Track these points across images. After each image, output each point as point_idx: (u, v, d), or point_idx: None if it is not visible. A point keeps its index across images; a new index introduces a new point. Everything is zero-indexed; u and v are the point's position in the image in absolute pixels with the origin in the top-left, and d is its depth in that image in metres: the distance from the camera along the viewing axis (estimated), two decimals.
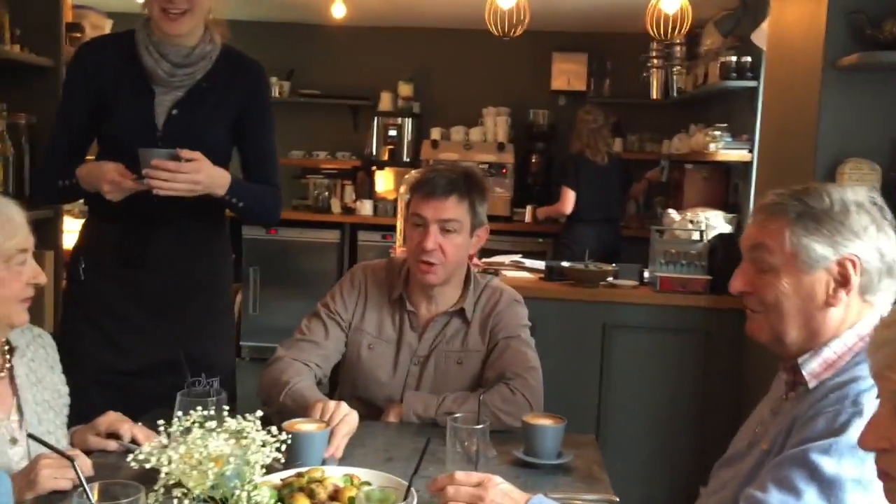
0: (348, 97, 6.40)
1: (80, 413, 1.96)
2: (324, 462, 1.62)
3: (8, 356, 1.62)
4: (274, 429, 1.21)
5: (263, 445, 1.07)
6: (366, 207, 5.99)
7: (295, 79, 6.46)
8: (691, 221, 4.44)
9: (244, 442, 1.04)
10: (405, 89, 6.33)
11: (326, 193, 6.19)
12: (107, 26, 3.60)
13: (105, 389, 2.01)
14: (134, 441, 1.63)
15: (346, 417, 1.70)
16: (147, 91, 2.07)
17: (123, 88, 2.07)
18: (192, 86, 2.08)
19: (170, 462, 1.08)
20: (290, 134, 6.53)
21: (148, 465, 1.16)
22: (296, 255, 5.90)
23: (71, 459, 1.17)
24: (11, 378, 1.60)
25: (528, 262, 3.43)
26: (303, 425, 1.65)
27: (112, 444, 1.63)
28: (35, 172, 2.66)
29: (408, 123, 6.24)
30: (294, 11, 6.03)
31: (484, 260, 3.52)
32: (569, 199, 4.83)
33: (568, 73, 6.35)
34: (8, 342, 1.63)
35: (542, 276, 3.23)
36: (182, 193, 1.93)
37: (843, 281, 1.36)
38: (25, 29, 2.81)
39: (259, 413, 1.22)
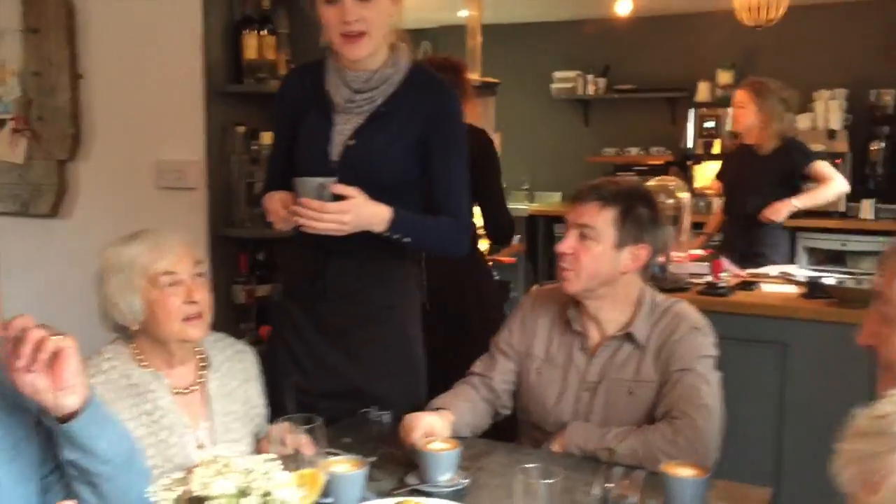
0: (664, 89, 6.21)
1: None
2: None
3: (202, 371, 1.88)
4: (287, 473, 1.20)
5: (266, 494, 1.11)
6: None
7: (611, 74, 6.42)
8: None
9: (252, 482, 1.11)
10: (724, 77, 5.98)
11: None
12: None
13: (298, 408, 2.05)
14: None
15: None
16: (326, 120, 2.04)
17: (309, 117, 2.07)
18: (372, 112, 2.03)
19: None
20: (605, 131, 6.54)
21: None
22: None
23: None
24: (204, 390, 1.86)
25: (800, 275, 3.08)
26: (434, 444, 1.72)
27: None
28: None
29: (727, 114, 5.88)
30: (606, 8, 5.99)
31: (749, 271, 3.23)
32: None
33: None
34: (206, 358, 1.89)
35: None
36: (329, 232, 1.90)
37: None
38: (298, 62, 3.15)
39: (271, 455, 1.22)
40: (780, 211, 3.74)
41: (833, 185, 3.79)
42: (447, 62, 3.52)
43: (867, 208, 5.32)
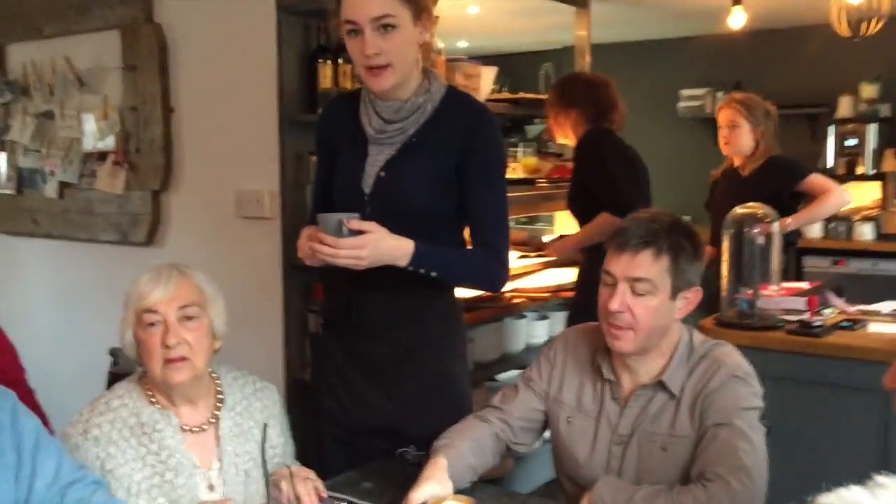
0: (802, 105, 5.77)
1: (318, 462, 2.13)
2: None
3: (216, 410, 1.84)
4: None
5: None
6: (813, 229, 5.34)
7: (744, 91, 6.05)
8: None
9: None
10: (868, 91, 5.50)
11: None
12: (485, 75, 3.77)
13: (336, 443, 2.08)
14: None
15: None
16: (361, 152, 1.99)
17: (345, 149, 2.03)
18: (404, 142, 1.96)
19: None
20: None
21: None
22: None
23: None
24: (217, 429, 1.82)
25: None
26: (448, 502, 1.61)
27: (282, 499, 1.74)
28: None
29: (871, 130, 5.41)
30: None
31: (858, 308, 2.89)
32: None
33: None
34: (222, 395, 1.86)
35: None
36: (348, 266, 1.85)
37: None
38: None
39: None
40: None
41: (830, 197, 3.37)
42: (596, 77, 3.42)
43: None
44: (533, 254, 3.74)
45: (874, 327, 2.67)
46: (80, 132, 3.53)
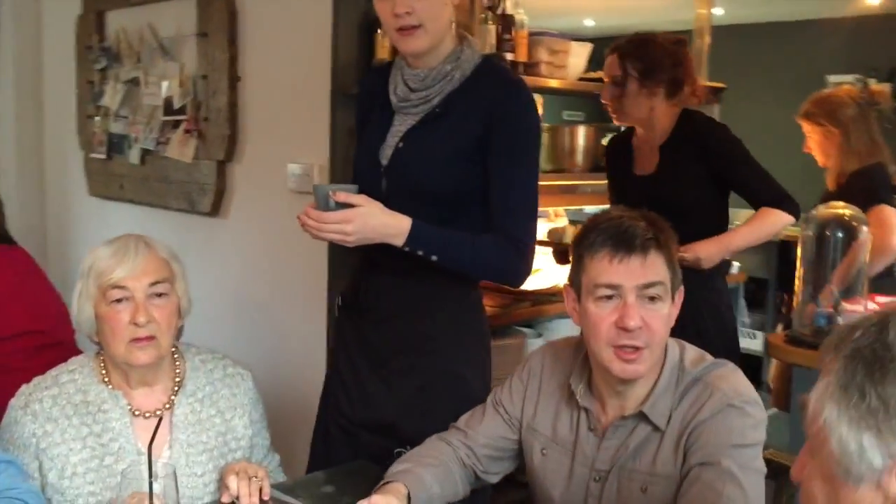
0: None
1: (324, 454, 2.00)
2: None
3: (172, 395, 1.72)
4: None
5: None
6: None
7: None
8: None
9: None
10: None
11: None
12: (575, 52, 3.47)
13: (343, 434, 1.96)
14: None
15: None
16: (386, 122, 1.89)
17: (373, 119, 1.94)
18: (426, 112, 1.83)
19: None
20: (890, 145, 5.51)
21: None
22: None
23: None
24: (171, 415, 1.70)
25: None
26: None
27: (225, 496, 1.61)
28: None
29: None
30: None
31: None
32: None
33: None
34: (180, 379, 1.73)
35: None
36: (334, 241, 1.72)
37: None
38: None
39: None
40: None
41: (883, 243, 2.63)
42: (672, 38, 2.98)
43: None
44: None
45: None
46: (160, 99, 3.54)
